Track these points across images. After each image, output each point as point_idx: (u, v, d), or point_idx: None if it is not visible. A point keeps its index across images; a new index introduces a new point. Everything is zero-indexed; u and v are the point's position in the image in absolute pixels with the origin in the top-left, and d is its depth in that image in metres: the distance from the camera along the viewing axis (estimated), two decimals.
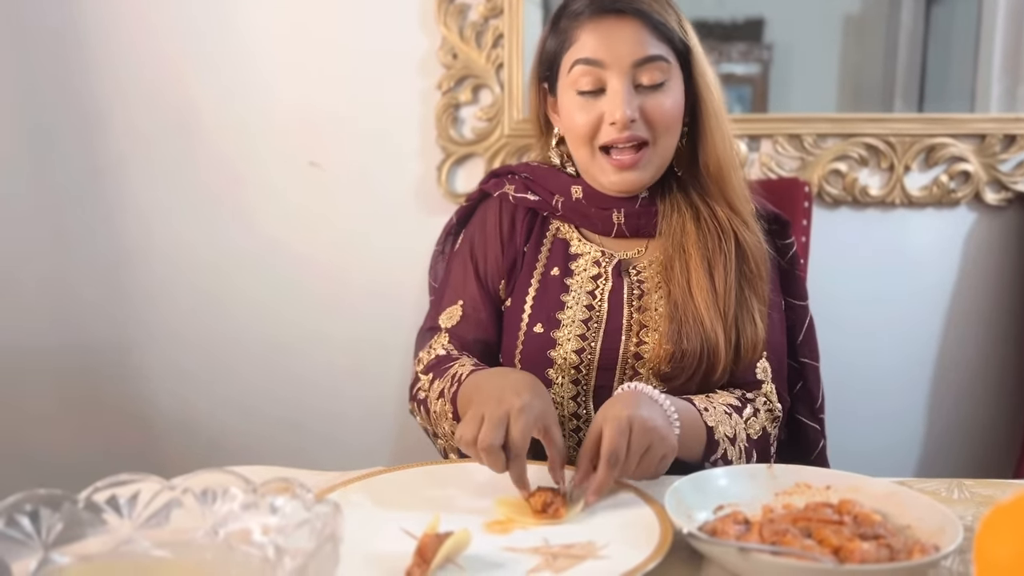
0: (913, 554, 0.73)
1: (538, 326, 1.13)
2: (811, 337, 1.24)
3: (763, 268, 1.13)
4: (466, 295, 1.18)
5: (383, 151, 1.83)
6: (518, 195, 1.19)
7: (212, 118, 1.84)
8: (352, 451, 1.87)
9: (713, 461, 1.01)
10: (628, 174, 1.09)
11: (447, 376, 1.07)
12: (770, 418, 1.11)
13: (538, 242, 1.19)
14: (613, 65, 1.05)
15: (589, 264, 1.15)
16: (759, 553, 0.73)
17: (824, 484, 0.91)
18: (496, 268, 1.19)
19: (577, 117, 1.09)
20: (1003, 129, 1.72)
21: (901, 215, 1.79)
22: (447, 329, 1.17)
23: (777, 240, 1.20)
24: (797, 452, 1.24)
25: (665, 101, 1.07)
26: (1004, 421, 1.84)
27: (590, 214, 1.16)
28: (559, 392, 1.13)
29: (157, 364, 1.95)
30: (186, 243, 1.89)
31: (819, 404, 1.24)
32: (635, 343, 1.11)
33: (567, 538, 0.81)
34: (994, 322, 1.81)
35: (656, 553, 0.76)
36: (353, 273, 1.88)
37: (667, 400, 0.95)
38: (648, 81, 1.06)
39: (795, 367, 1.23)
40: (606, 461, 0.86)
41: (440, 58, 1.77)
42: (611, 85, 1.06)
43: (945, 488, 0.98)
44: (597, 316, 1.12)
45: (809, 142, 1.76)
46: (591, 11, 1.07)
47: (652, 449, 0.89)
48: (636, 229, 1.15)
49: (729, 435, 1.02)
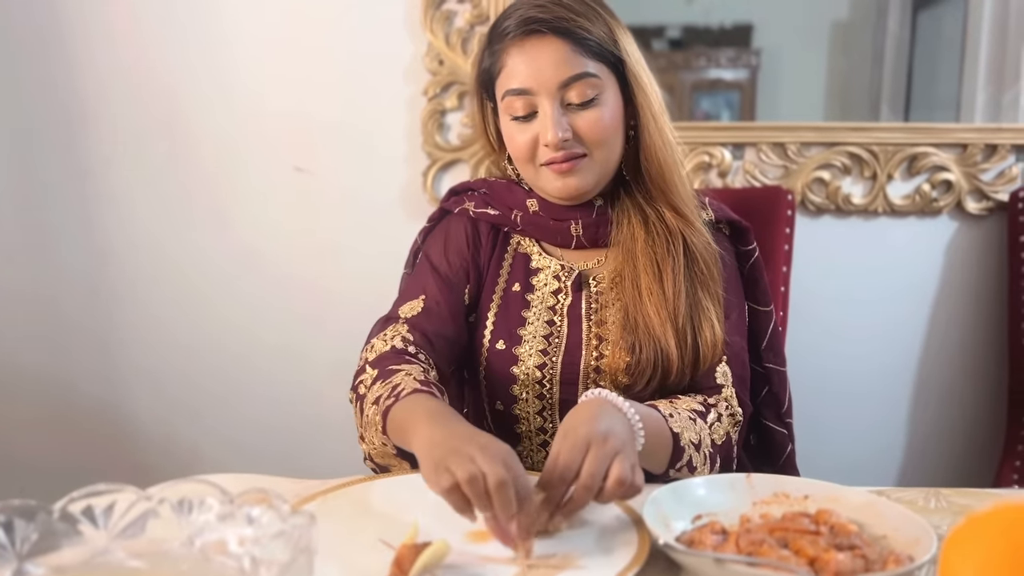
0: (888, 564, 0.74)
1: (500, 343, 1.13)
2: (776, 342, 1.24)
3: (713, 269, 1.13)
4: (428, 291, 1.16)
5: (369, 157, 1.83)
6: (478, 210, 1.20)
7: (197, 121, 1.84)
8: (334, 459, 1.86)
9: (679, 468, 1.00)
10: (568, 179, 1.09)
11: (388, 383, 0.99)
12: (732, 422, 1.11)
13: (500, 257, 1.19)
14: (540, 90, 1.06)
15: (550, 279, 1.16)
16: (735, 564, 0.73)
17: (802, 494, 0.91)
18: (462, 272, 1.18)
19: (516, 140, 1.10)
20: (984, 139, 1.74)
21: (883, 223, 1.80)
22: (407, 319, 1.13)
23: (738, 246, 1.21)
24: (765, 458, 1.25)
25: (596, 116, 1.07)
26: (984, 429, 1.85)
27: (548, 227, 1.16)
28: (524, 408, 1.13)
29: (137, 370, 1.94)
30: (169, 247, 1.89)
31: (785, 409, 1.24)
32: (595, 356, 1.11)
33: (545, 548, 0.81)
34: (975, 330, 1.83)
35: (633, 563, 0.76)
36: (337, 279, 1.87)
37: (631, 408, 0.92)
38: (577, 99, 1.06)
39: (760, 372, 1.23)
40: (553, 478, 0.82)
41: (426, 64, 1.77)
42: (541, 108, 1.07)
43: (923, 497, 0.99)
44: (558, 331, 1.13)
45: (793, 150, 1.77)
46: (515, 34, 1.07)
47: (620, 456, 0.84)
48: (594, 240, 1.16)
49: (694, 441, 1.01)
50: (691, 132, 1.77)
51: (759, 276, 1.23)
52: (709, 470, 1.04)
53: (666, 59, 1.88)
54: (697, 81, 1.89)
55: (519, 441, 1.16)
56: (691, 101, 1.91)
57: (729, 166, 1.78)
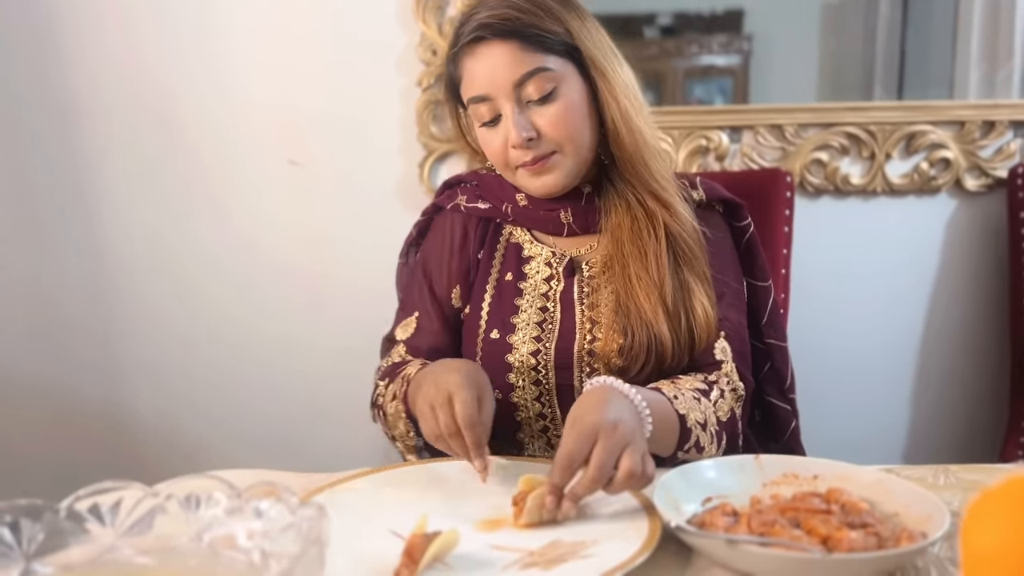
0: (901, 541, 0.74)
1: (494, 332, 1.15)
2: (776, 317, 1.24)
3: (696, 248, 1.13)
4: (420, 308, 1.22)
5: (363, 149, 1.82)
6: (470, 205, 1.22)
7: (191, 114, 1.83)
8: (339, 452, 1.86)
9: (687, 450, 1.00)
10: (544, 178, 1.11)
11: (399, 378, 1.10)
12: (735, 398, 1.10)
13: (492, 249, 1.21)
14: (497, 94, 1.07)
15: (542, 266, 1.17)
16: (747, 544, 0.73)
17: (812, 474, 0.91)
18: (448, 280, 1.22)
19: (488, 145, 1.12)
20: (982, 115, 1.73)
21: (882, 203, 1.79)
22: (403, 341, 1.22)
23: (733, 223, 1.22)
24: (770, 434, 1.25)
25: (557, 111, 1.07)
26: (987, 406, 1.85)
27: (539, 217, 1.18)
28: (522, 395, 1.14)
29: (137, 365, 1.93)
30: (166, 240, 1.88)
31: (788, 384, 1.24)
32: (588, 340, 1.12)
33: (554, 536, 0.81)
34: (976, 306, 1.83)
35: (644, 548, 0.75)
36: (335, 272, 1.87)
37: (637, 394, 0.92)
38: (536, 94, 1.06)
39: (761, 348, 1.23)
40: (560, 465, 0.83)
41: (419, 55, 1.76)
42: (503, 111, 1.08)
43: (931, 474, 0.98)
44: (551, 317, 1.14)
45: (790, 132, 1.76)
46: (466, 41, 1.08)
47: (631, 448, 0.84)
48: (585, 226, 1.17)
49: (700, 421, 1.01)
50: (687, 116, 1.76)
51: (756, 252, 1.23)
52: (716, 448, 1.04)
53: (658, 47, 1.86)
54: (689, 68, 1.88)
55: (519, 428, 1.16)
56: (684, 88, 1.89)
57: (727, 150, 1.77)
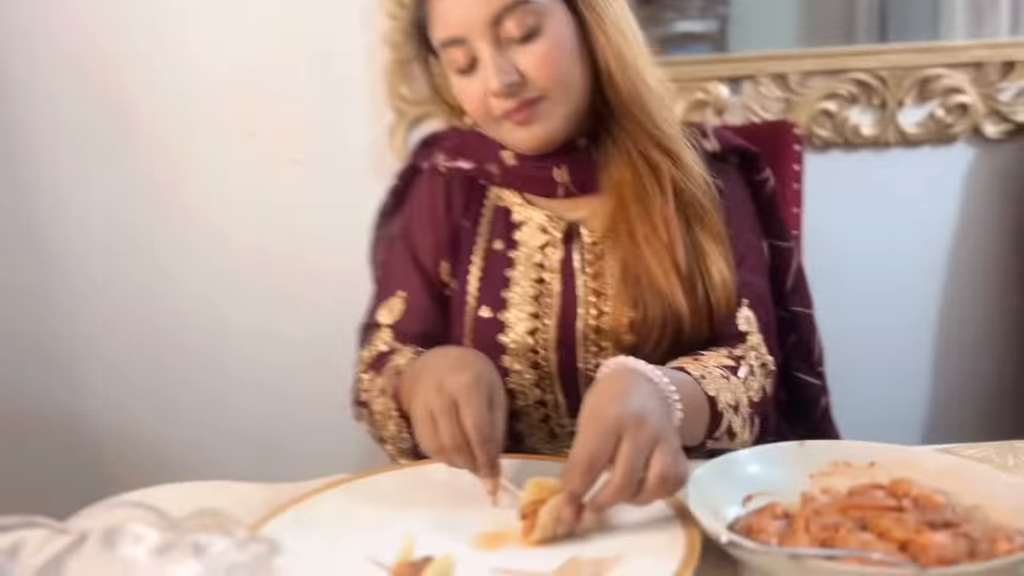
0: (998, 543, 0.60)
1: (484, 309, 1.01)
2: (801, 282, 1.11)
3: (707, 204, 1.00)
4: (407, 285, 1.08)
5: (326, 115, 1.66)
6: (450, 164, 1.08)
7: (138, 87, 1.66)
8: (316, 451, 1.71)
9: (717, 437, 0.87)
10: (532, 129, 0.96)
11: (387, 370, 0.96)
12: (764, 373, 0.98)
13: (477, 214, 1.07)
14: (471, 34, 0.92)
15: (535, 231, 1.03)
16: (815, 559, 0.59)
17: (866, 461, 0.77)
18: (435, 249, 1.07)
19: (466, 96, 0.97)
20: (1001, 55, 1.60)
21: (896, 155, 1.66)
22: (389, 325, 1.07)
23: (751, 176, 1.08)
24: (799, 413, 1.12)
25: (542, 50, 0.92)
26: (1013, 372, 1.73)
27: (529, 176, 1.03)
28: (519, 380, 1.01)
29: (94, 369, 1.79)
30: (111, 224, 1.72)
31: (817, 356, 1.12)
32: (594, 315, 0.99)
33: (572, 551, 0.67)
34: (999, 264, 1.71)
35: (686, 565, 0.62)
36: (305, 255, 1.71)
37: (663, 377, 0.78)
38: (517, 31, 0.91)
39: (786, 317, 1.09)
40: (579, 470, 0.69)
41: (386, 7, 1.60)
42: (480, 55, 0.93)
43: (997, 454, 0.86)
44: (548, 290, 1.00)
45: (794, 80, 1.62)
46: None
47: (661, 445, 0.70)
48: (582, 186, 1.02)
49: (731, 403, 0.88)
50: (682, 68, 1.62)
51: (776, 208, 1.09)
52: (749, 433, 0.91)
53: (633, 15, 1.74)
54: (667, 36, 1.76)
55: (518, 419, 1.03)
56: (662, 57, 1.77)
57: (726, 103, 1.63)
